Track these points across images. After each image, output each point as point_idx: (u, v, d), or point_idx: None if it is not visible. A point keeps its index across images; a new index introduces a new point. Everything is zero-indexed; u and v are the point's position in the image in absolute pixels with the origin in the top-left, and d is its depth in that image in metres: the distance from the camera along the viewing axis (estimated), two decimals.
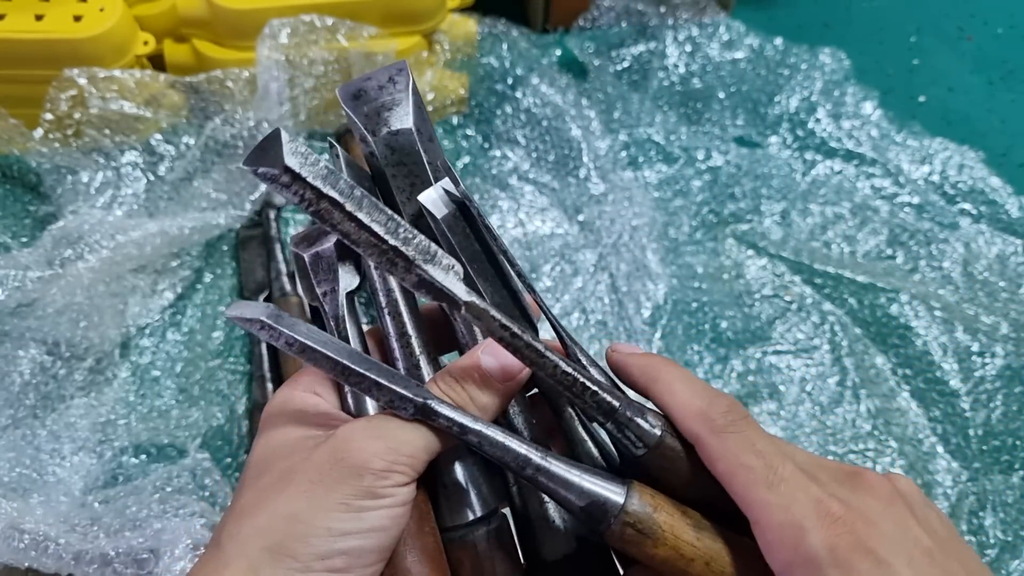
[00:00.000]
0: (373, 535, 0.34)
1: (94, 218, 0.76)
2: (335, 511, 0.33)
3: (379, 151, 0.38)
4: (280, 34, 0.80)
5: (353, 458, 0.34)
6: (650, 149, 0.93)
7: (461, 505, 0.37)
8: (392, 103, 0.39)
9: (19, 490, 0.63)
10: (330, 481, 0.34)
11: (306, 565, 0.32)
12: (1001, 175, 0.91)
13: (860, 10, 1.08)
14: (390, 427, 0.35)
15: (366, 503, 0.34)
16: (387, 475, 0.34)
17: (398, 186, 0.39)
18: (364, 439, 0.35)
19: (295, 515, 0.33)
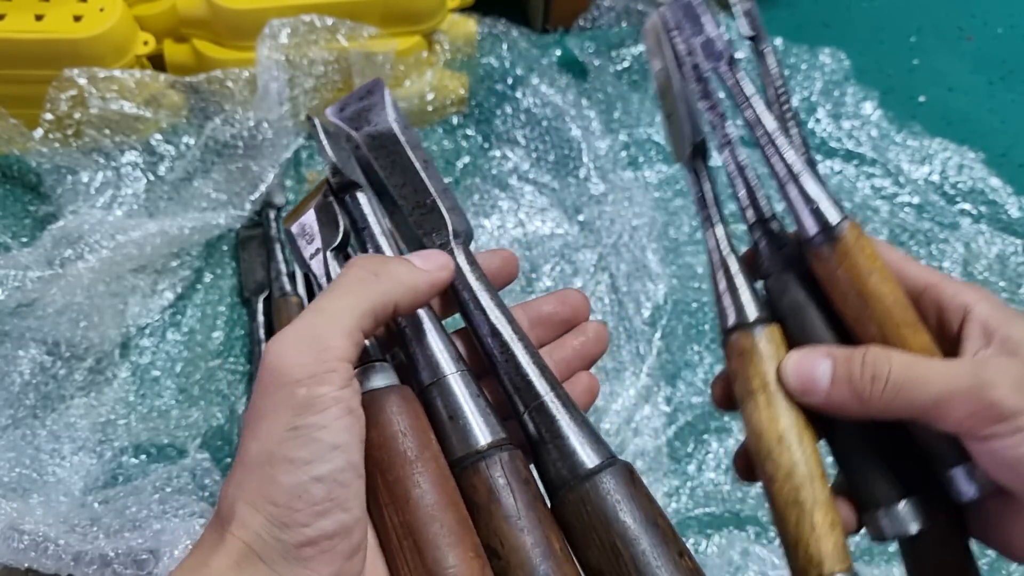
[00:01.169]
0: (337, 454, 0.33)
1: (94, 218, 0.76)
2: (288, 440, 0.32)
3: (363, 142, 0.43)
4: (280, 34, 0.80)
5: (282, 375, 0.33)
6: (650, 149, 0.93)
7: (469, 433, 0.37)
8: (370, 106, 0.44)
9: (19, 490, 0.63)
10: (273, 408, 0.33)
11: (287, 506, 0.32)
12: (1001, 175, 0.91)
13: (860, 10, 1.08)
14: (312, 326, 0.34)
15: (310, 420, 0.32)
16: (318, 383, 0.33)
17: (381, 164, 0.43)
18: (284, 350, 0.33)
19: (258, 458, 0.32)
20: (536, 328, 0.44)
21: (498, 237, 0.86)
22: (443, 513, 0.34)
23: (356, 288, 0.36)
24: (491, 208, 0.88)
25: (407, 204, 0.43)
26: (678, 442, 0.75)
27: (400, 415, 0.36)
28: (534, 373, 0.39)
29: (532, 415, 0.39)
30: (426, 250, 0.40)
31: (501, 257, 0.44)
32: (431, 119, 0.93)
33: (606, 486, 0.36)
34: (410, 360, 0.39)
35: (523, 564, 0.34)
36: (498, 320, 0.41)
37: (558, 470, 0.37)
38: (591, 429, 0.38)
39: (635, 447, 0.74)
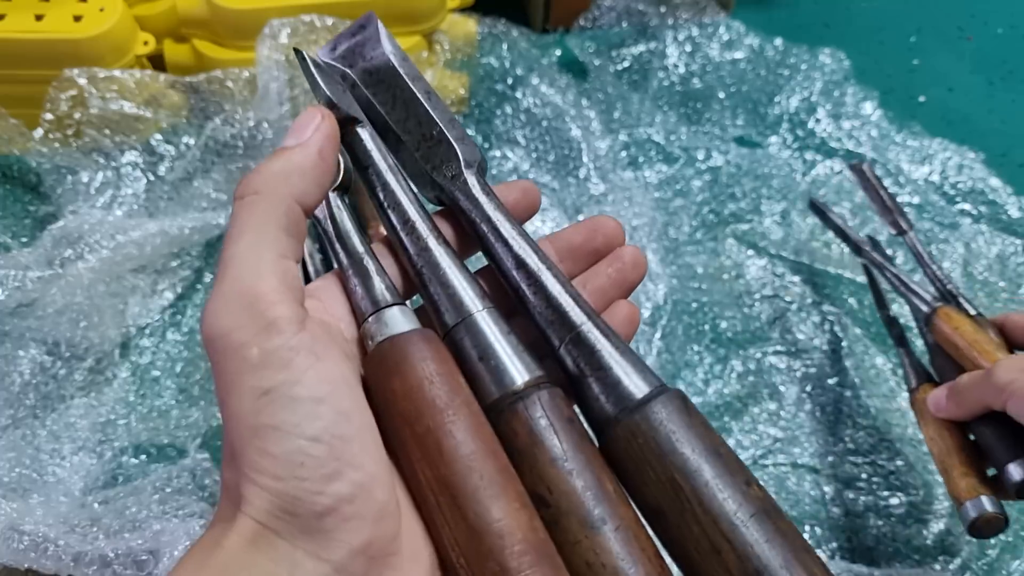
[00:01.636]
0: (324, 408, 0.30)
1: (94, 218, 0.76)
2: (264, 407, 0.29)
3: (359, 78, 0.41)
4: (280, 34, 0.80)
5: (226, 342, 0.30)
6: (650, 149, 0.93)
7: (504, 373, 0.34)
8: (364, 41, 0.41)
9: (19, 490, 0.63)
10: (235, 378, 0.30)
11: (292, 476, 0.29)
12: (1001, 175, 0.91)
13: (860, 10, 1.08)
14: (233, 281, 0.31)
15: (278, 378, 0.29)
16: (266, 336, 0.30)
17: (381, 100, 0.40)
18: (217, 317, 0.30)
19: (243, 434, 0.29)
20: (566, 261, 0.41)
21: None
22: (482, 463, 0.31)
23: (249, 219, 0.32)
24: None
25: (412, 139, 0.40)
26: None
27: (425, 360, 0.32)
28: (567, 303, 0.36)
29: (569, 348, 0.36)
30: (295, 121, 0.35)
31: (520, 188, 0.41)
32: None
33: (658, 416, 0.33)
34: (431, 302, 0.36)
35: (575, 509, 0.31)
36: (523, 250, 0.37)
37: (602, 405, 0.34)
38: (635, 357, 0.35)
39: None
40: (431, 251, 0.36)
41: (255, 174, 0.33)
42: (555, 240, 0.41)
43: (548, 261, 0.38)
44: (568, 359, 0.36)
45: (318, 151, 0.34)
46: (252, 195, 0.32)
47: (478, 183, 0.39)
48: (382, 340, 0.34)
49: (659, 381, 0.35)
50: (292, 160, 0.33)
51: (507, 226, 0.38)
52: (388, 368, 0.33)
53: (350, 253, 0.36)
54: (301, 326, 0.30)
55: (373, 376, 0.34)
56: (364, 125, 0.39)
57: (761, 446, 0.75)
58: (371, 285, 0.35)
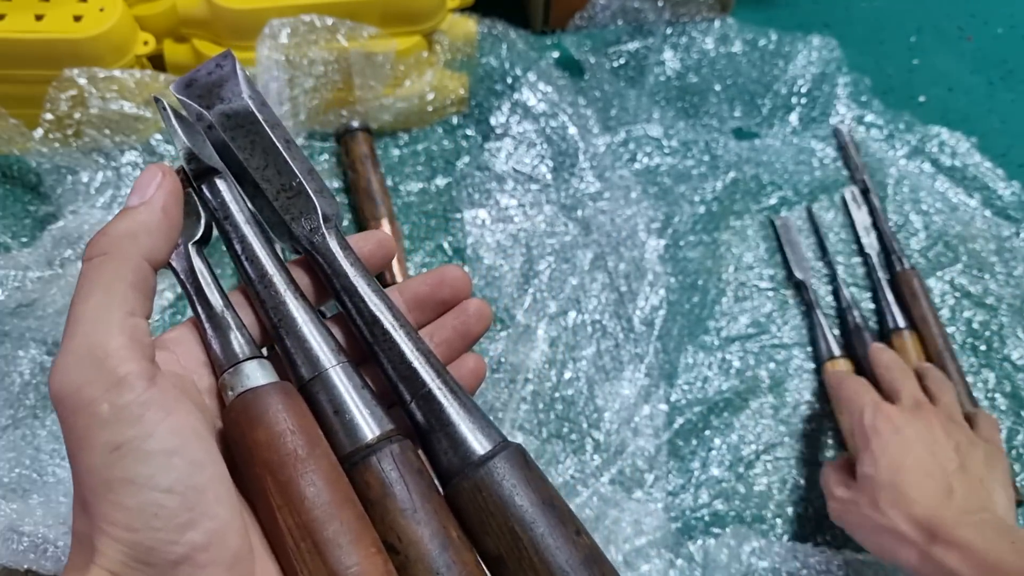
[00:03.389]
0: (177, 460, 0.30)
1: (94, 218, 0.76)
2: (117, 461, 0.29)
3: (217, 121, 0.40)
4: (280, 34, 0.80)
5: (75, 400, 0.30)
6: (647, 145, 0.93)
7: (357, 428, 0.36)
8: (221, 81, 0.41)
9: (19, 491, 0.63)
10: (85, 434, 0.30)
11: (146, 526, 0.29)
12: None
13: (860, 10, 1.08)
14: (81, 338, 0.31)
15: (129, 433, 0.29)
16: (117, 393, 0.30)
17: (239, 146, 0.40)
18: (65, 376, 0.30)
19: (96, 488, 0.30)
20: (414, 312, 0.42)
21: (496, 233, 0.86)
22: (340, 511, 0.33)
23: (97, 279, 0.32)
24: (490, 206, 0.88)
25: (271, 188, 0.40)
26: (680, 440, 0.75)
27: (285, 412, 0.34)
28: (418, 361, 0.38)
29: (419, 404, 0.38)
30: (137, 179, 0.36)
31: (376, 240, 0.42)
32: (431, 119, 0.93)
33: (500, 472, 0.35)
34: (286, 355, 0.37)
35: (422, 557, 0.34)
36: (376, 307, 0.39)
37: (449, 459, 0.37)
38: (480, 414, 0.38)
39: (635, 447, 0.74)
40: (287, 305, 0.37)
41: (102, 235, 0.34)
42: (403, 291, 0.42)
43: (401, 318, 0.39)
44: (418, 414, 0.38)
45: (162, 208, 0.34)
46: (100, 256, 0.33)
47: (336, 239, 0.40)
48: (242, 392, 0.35)
49: (501, 437, 0.37)
50: (137, 219, 0.34)
51: (362, 283, 0.39)
52: (250, 419, 0.34)
53: (208, 306, 0.37)
54: (151, 382, 0.31)
55: (234, 426, 0.35)
56: (223, 176, 0.39)
57: (762, 441, 0.76)
58: (229, 339, 0.36)
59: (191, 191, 0.39)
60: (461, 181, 0.89)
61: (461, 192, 0.88)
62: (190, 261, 0.38)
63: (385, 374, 0.39)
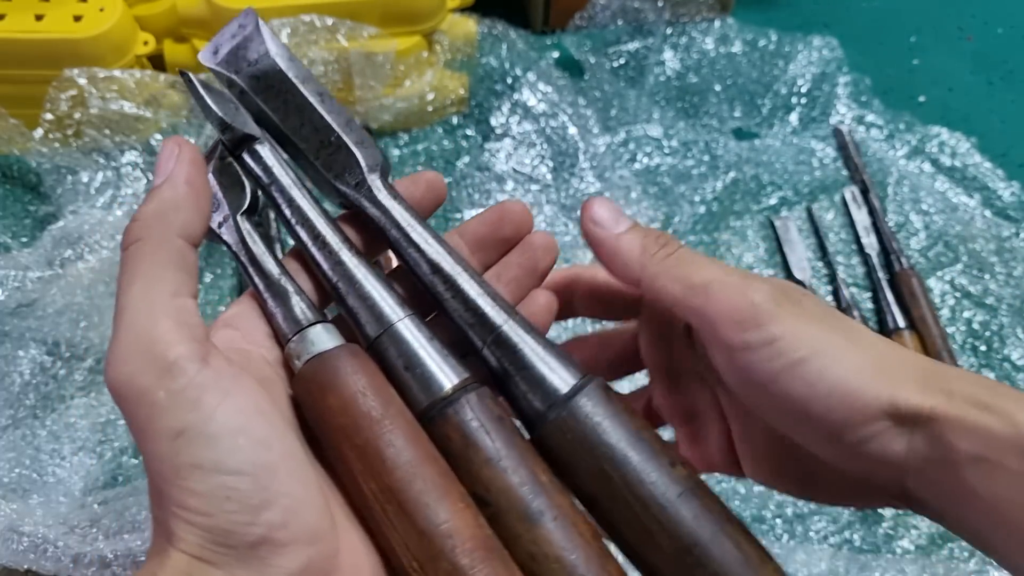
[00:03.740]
0: (243, 440, 0.29)
1: (94, 218, 0.76)
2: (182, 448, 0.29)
3: (247, 85, 0.39)
4: (280, 34, 0.80)
5: (131, 389, 0.30)
6: (647, 145, 0.93)
7: (431, 380, 0.34)
8: (246, 42, 0.39)
9: (19, 491, 0.63)
10: (148, 423, 0.29)
11: (220, 511, 0.29)
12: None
13: (860, 10, 1.08)
14: (129, 327, 0.30)
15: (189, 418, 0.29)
16: (171, 379, 0.29)
17: (273, 108, 0.39)
18: (118, 366, 0.30)
19: (166, 475, 0.29)
20: (477, 253, 0.40)
21: None
22: (423, 468, 0.32)
23: (137, 266, 0.32)
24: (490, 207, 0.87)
25: (310, 147, 0.39)
26: None
27: (356, 374, 0.33)
28: (486, 303, 0.36)
29: (492, 348, 0.36)
30: (157, 158, 0.35)
31: (425, 182, 0.40)
32: (431, 119, 0.93)
33: (583, 410, 0.34)
34: (350, 315, 0.36)
35: (513, 505, 0.32)
36: (436, 253, 0.37)
37: (530, 402, 0.35)
38: (557, 350, 0.36)
39: None
40: (345, 264, 0.36)
41: (134, 221, 0.33)
42: (463, 233, 0.41)
43: (463, 262, 0.37)
44: (492, 359, 0.36)
45: (185, 181, 0.34)
46: (135, 243, 0.32)
47: (383, 187, 0.38)
48: (309, 359, 0.34)
49: (582, 372, 0.35)
50: (163, 198, 0.33)
51: (418, 230, 0.38)
52: (320, 385, 0.33)
53: (265, 276, 0.36)
54: (204, 363, 0.30)
55: (305, 395, 0.34)
56: (262, 141, 0.38)
57: None
58: (290, 306, 0.35)
59: (232, 162, 0.38)
60: (461, 181, 0.89)
61: (461, 192, 0.88)
62: (240, 233, 0.37)
63: (453, 323, 0.37)
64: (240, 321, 0.36)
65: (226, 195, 0.38)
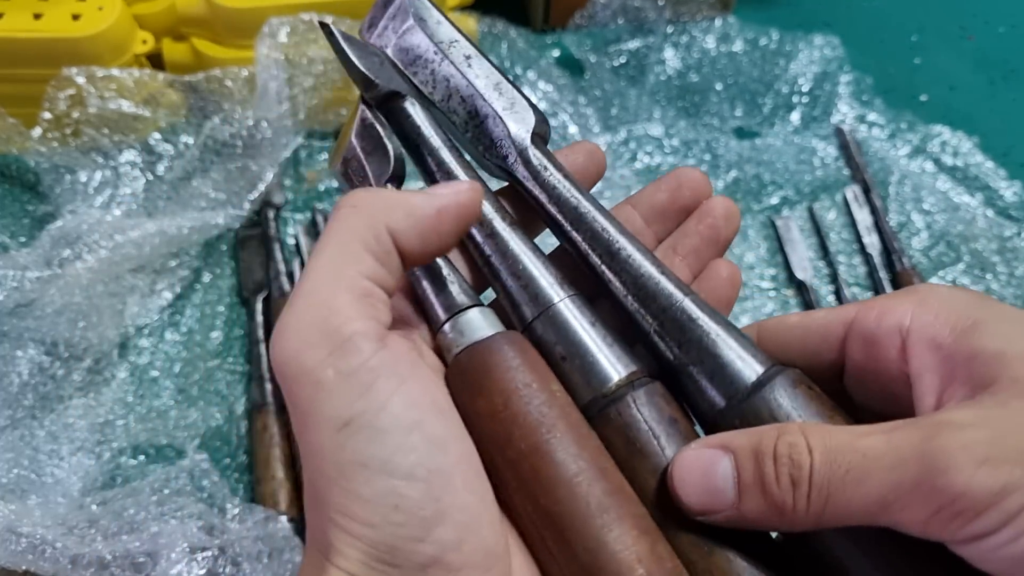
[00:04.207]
0: (416, 437, 0.25)
1: (92, 218, 0.75)
2: (347, 440, 0.25)
3: (396, 58, 0.37)
4: (279, 33, 0.80)
5: (298, 367, 0.26)
6: (648, 144, 0.93)
7: (595, 371, 0.30)
8: (397, 12, 0.37)
9: (17, 491, 0.63)
10: (311, 407, 0.26)
11: (387, 522, 0.25)
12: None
13: (861, 9, 1.08)
14: (307, 297, 0.27)
15: (359, 405, 0.25)
16: (342, 356, 0.26)
17: (422, 80, 0.37)
18: (287, 339, 0.27)
19: (327, 472, 0.26)
20: (654, 224, 0.37)
21: None
22: (588, 486, 0.26)
23: (336, 231, 0.29)
24: None
25: (459, 119, 0.36)
26: None
27: (510, 371, 0.28)
28: (657, 280, 0.32)
29: (666, 332, 0.31)
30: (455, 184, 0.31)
31: (585, 151, 0.37)
32: None
33: (777, 400, 0.28)
34: (505, 295, 0.32)
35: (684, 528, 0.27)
36: (599, 225, 0.33)
37: (708, 395, 0.30)
38: (740, 335, 0.31)
39: None
40: (499, 236, 0.33)
41: (361, 190, 0.30)
42: (637, 203, 0.37)
43: (627, 235, 0.33)
44: (662, 345, 0.31)
45: (438, 207, 0.30)
46: (348, 207, 0.29)
47: (538, 156, 0.35)
48: (460, 351, 0.30)
49: (770, 360, 0.30)
50: (407, 198, 0.30)
51: (578, 200, 0.34)
52: (469, 385, 0.29)
53: None
54: (382, 343, 0.27)
55: (456, 393, 0.29)
56: (408, 99, 0.35)
57: None
58: (442, 287, 0.31)
59: (375, 122, 0.34)
60: None
61: None
62: None
63: (619, 305, 0.33)
64: (398, 318, 0.31)
65: (368, 160, 0.34)
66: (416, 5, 0.37)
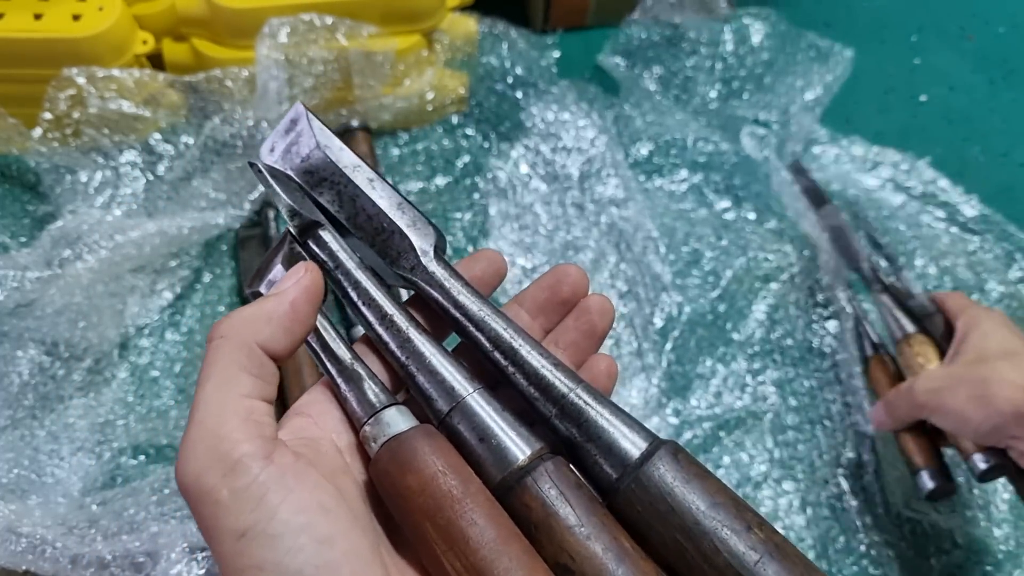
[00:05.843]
0: (304, 538, 0.29)
1: (93, 218, 0.75)
2: (244, 549, 0.29)
3: (301, 180, 0.40)
4: (279, 33, 0.80)
5: (198, 488, 0.30)
6: (672, 150, 0.92)
7: (506, 451, 0.34)
8: (297, 138, 0.41)
9: (17, 491, 0.63)
10: (214, 524, 0.30)
11: None
12: (1000, 175, 0.91)
13: (861, 9, 1.08)
14: (199, 425, 0.31)
15: (250, 518, 0.29)
16: (234, 478, 0.30)
17: (328, 200, 0.40)
18: (187, 464, 0.31)
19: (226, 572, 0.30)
20: (538, 317, 0.41)
21: (496, 239, 0.85)
22: (507, 545, 0.32)
23: (214, 363, 0.33)
24: (491, 208, 0.87)
25: (366, 234, 0.40)
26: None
27: (434, 454, 0.33)
28: (550, 374, 0.37)
29: (561, 417, 0.36)
30: (287, 272, 0.37)
31: (486, 259, 0.41)
32: (431, 118, 0.92)
33: (655, 476, 0.33)
34: (420, 392, 0.37)
35: (599, 572, 0.32)
36: (496, 329, 0.38)
37: (603, 468, 0.35)
38: (625, 415, 0.36)
39: None
40: (413, 342, 0.37)
41: (226, 318, 0.34)
42: (523, 301, 0.42)
43: (523, 334, 0.38)
44: (562, 427, 0.36)
45: (290, 302, 0.34)
46: (219, 339, 0.33)
47: (439, 268, 0.39)
48: (386, 440, 0.34)
49: (652, 436, 0.35)
50: (263, 308, 0.34)
51: (476, 306, 0.38)
52: (399, 466, 0.33)
53: (338, 362, 0.37)
54: (268, 460, 0.31)
55: (383, 476, 0.34)
56: (326, 227, 0.39)
57: (773, 461, 0.75)
58: (363, 390, 0.36)
59: (300, 250, 0.39)
60: (461, 182, 0.89)
61: (460, 193, 0.88)
62: None
63: (520, 394, 0.37)
64: (312, 408, 0.36)
65: None
66: (318, 134, 0.40)
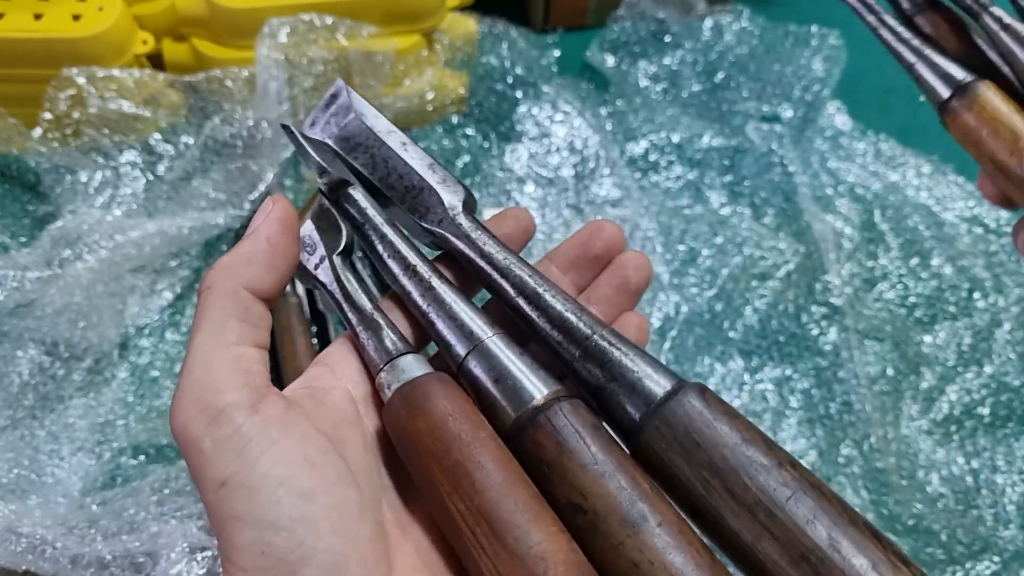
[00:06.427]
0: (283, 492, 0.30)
1: (93, 218, 0.75)
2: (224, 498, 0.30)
3: (338, 147, 0.42)
4: (279, 33, 0.80)
5: (185, 438, 0.30)
6: (669, 152, 0.92)
7: (522, 390, 0.34)
8: (338, 111, 0.42)
9: (17, 491, 0.63)
10: (198, 474, 0.30)
11: (255, 567, 0.29)
12: None
13: None
14: (189, 374, 0.31)
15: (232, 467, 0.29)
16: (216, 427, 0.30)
17: (362, 163, 0.42)
18: (177, 414, 0.31)
19: (214, 522, 0.30)
20: (570, 272, 0.41)
21: None
22: (514, 490, 0.31)
23: (203, 313, 0.33)
24: (491, 208, 0.87)
25: (397, 194, 0.41)
26: None
27: (447, 399, 0.33)
28: (575, 316, 0.37)
29: (585, 360, 0.36)
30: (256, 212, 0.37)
31: (513, 217, 0.41)
32: (431, 118, 0.92)
33: (681, 412, 0.32)
34: (440, 339, 0.37)
35: (613, 510, 0.30)
36: (520, 276, 0.38)
37: (626, 410, 0.34)
38: (649, 357, 0.35)
39: None
40: (435, 290, 0.38)
41: (209, 270, 0.34)
42: (554, 256, 0.41)
43: (547, 282, 0.38)
44: (584, 371, 0.36)
45: (266, 238, 0.34)
46: (206, 290, 0.33)
47: (467, 221, 0.40)
48: (400, 386, 0.35)
49: (677, 377, 0.35)
50: (240, 251, 0.34)
51: (502, 255, 0.39)
52: (411, 409, 0.33)
53: (358, 310, 0.38)
54: (253, 410, 0.31)
55: (395, 420, 0.34)
56: (355, 186, 0.40)
57: None
58: (381, 337, 0.37)
59: (330, 206, 0.40)
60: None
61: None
62: (336, 272, 0.39)
63: (544, 341, 0.37)
64: (331, 357, 0.37)
65: (323, 238, 0.40)
66: (356, 103, 0.42)
